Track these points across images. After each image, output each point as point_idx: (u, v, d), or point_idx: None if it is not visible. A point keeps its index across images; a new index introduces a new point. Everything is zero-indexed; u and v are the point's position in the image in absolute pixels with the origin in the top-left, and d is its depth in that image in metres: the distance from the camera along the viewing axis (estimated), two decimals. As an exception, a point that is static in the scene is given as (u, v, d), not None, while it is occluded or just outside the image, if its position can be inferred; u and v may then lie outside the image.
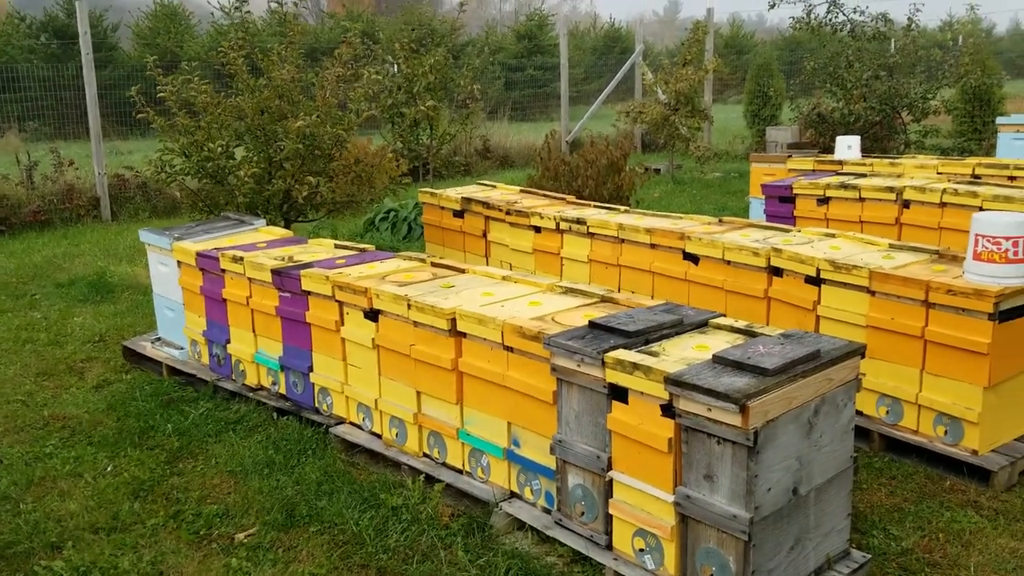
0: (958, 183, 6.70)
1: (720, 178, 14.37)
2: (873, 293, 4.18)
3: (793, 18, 15.05)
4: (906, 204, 6.53)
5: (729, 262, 4.88)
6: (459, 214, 6.95)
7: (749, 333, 3.26)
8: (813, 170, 8.63)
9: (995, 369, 3.81)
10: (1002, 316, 3.80)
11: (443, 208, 7.13)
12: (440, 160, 12.31)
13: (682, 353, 3.09)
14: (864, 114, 12.88)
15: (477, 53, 16.36)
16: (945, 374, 3.95)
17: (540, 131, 20.40)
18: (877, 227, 6.69)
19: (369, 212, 9.78)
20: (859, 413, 4.25)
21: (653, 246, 5.37)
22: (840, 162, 8.49)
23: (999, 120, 10.44)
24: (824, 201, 6.99)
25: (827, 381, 2.94)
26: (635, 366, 2.95)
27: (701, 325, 3.41)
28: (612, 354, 3.05)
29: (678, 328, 3.34)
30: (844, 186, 6.84)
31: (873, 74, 13.44)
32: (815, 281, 4.45)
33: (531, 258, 6.30)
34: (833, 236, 5.00)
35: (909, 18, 14.35)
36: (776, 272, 4.66)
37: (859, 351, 3.09)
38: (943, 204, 6.31)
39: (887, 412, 4.21)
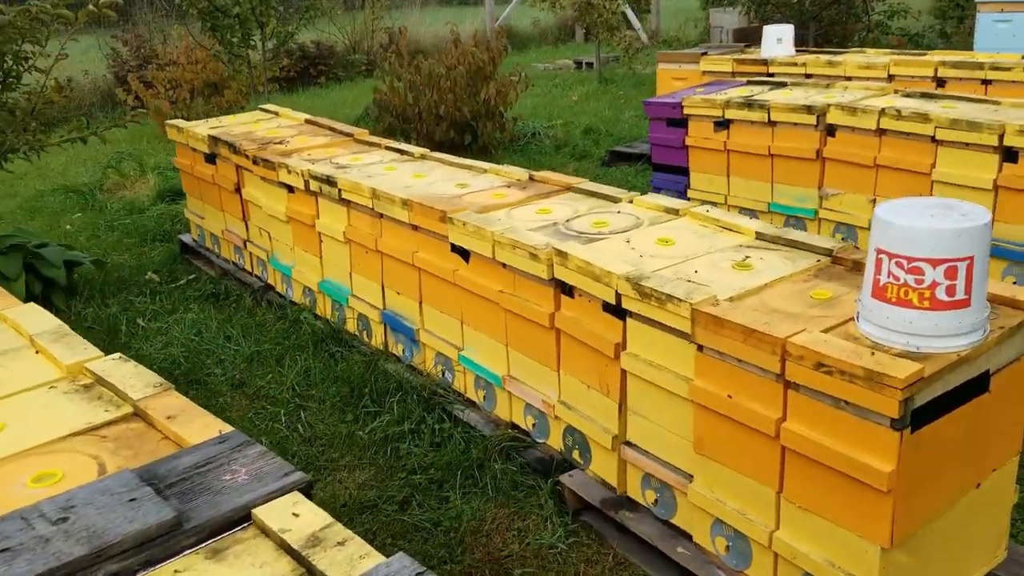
0: (908, 96, 4.72)
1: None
2: (701, 348, 2.31)
3: None
4: (830, 130, 4.57)
5: (505, 265, 2.99)
6: (211, 159, 4.95)
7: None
8: (733, 74, 6.60)
9: (904, 515, 2.00)
10: (918, 419, 1.95)
11: (195, 150, 5.13)
12: (274, 71, 9.95)
13: None
14: None
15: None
16: (818, 511, 2.14)
17: (464, 19, 17.97)
18: (793, 163, 4.75)
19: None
20: (686, 536, 2.49)
21: (415, 227, 3.45)
22: (766, 62, 6.44)
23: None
24: (723, 125, 5.01)
25: None
26: None
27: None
28: None
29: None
30: (749, 104, 4.85)
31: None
32: (617, 311, 2.58)
33: (288, 229, 4.37)
34: (676, 215, 3.09)
35: None
36: (567, 290, 2.78)
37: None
38: (880, 131, 4.35)
39: (727, 549, 2.41)
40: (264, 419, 3.53)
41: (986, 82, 5.36)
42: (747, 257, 2.63)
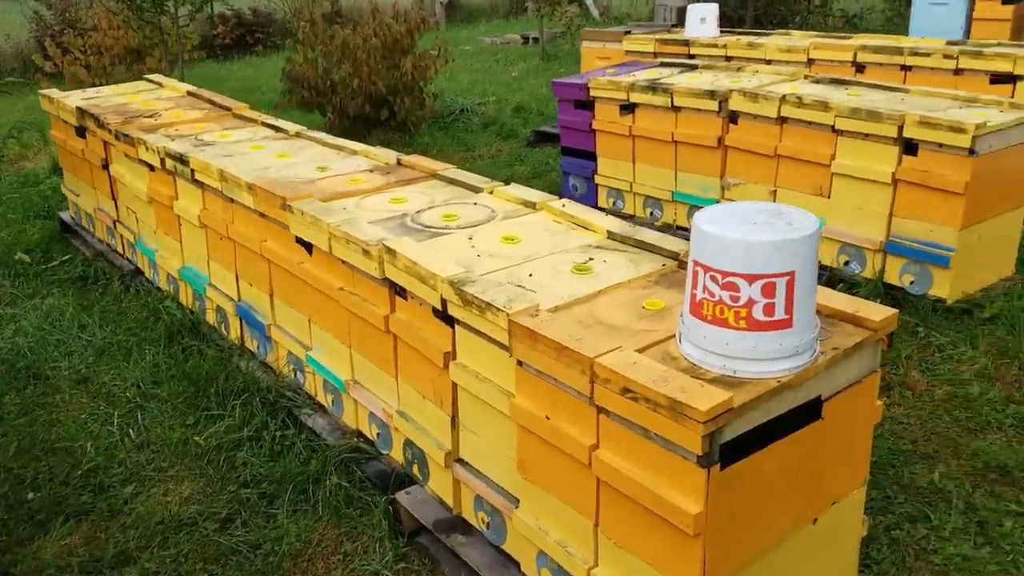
0: (817, 82, 4.51)
1: (598, 51, 11.89)
2: (521, 363, 2.08)
3: None
4: (733, 117, 4.35)
5: (344, 262, 2.72)
6: (81, 132, 4.60)
7: None
8: (655, 54, 6.35)
9: (718, 557, 1.78)
10: (731, 454, 1.73)
11: (66, 123, 4.77)
12: (192, 39, 9.46)
13: None
14: None
15: None
16: (632, 549, 1.92)
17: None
18: (696, 151, 4.53)
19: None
20: (517, 565, 2.28)
21: (262, 215, 3.16)
22: (687, 42, 6.20)
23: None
24: (629, 109, 4.77)
25: None
26: None
27: None
28: None
29: None
30: (653, 87, 4.61)
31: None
32: (445, 317, 2.33)
33: (151, 210, 4.05)
34: (533, 209, 2.84)
35: None
36: (401, 291, 2.52)
37: None
38: (781, 119, 4.14)
39: (551, 581, 2.19)
40: (98, 421, 3.24)
41: (906, 68, 5.17)
42: (590, 259, 2.40)
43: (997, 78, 4.83)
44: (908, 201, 3.72)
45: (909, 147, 3.68)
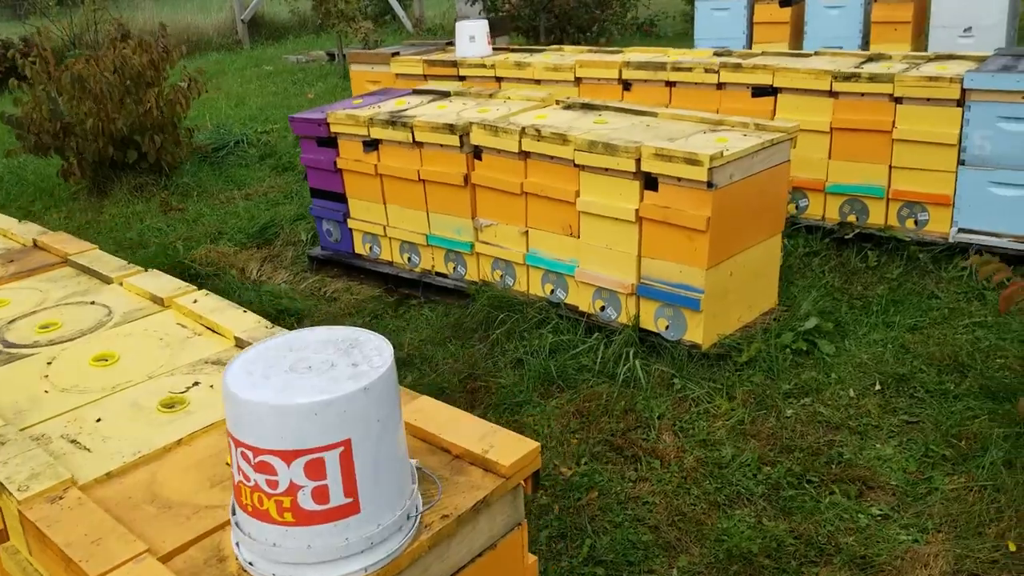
0: (569, 107, 4.15)
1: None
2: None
3: None
4: (477, 153, 3.92)
5: None
6: None
7: None
8: (425, 77, 5.90)
9: None
10: None
11: None
12: None
13: None
14: None
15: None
16: None
17: (209, 8, 16.42)
18: (444, 190, 4.08)
19: None
20: None
21: None
22: (455, 63, 5.77)
23: (695, -15, 8.04)
24: (372, 145, 4.27)
25: None
26: None
27: None
28: None
29: None
30: (393, 122, 4.12)
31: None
32: (-12, 486, 1.73)
33: None
34: (161, 306, 2.26)
35: None
36: (-50, 440, 1.89)
37: None
38: (524, 154, 3.74)
39: None
40: None
41: (670, 84, 4.92)
42: (192, 386, 1.85)
43: (758, 91, 4.64)
44: (654, 240, 3.39)
45: (650, 181, 3.35)
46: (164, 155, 6.24)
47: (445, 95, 4.61)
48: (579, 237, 3.64)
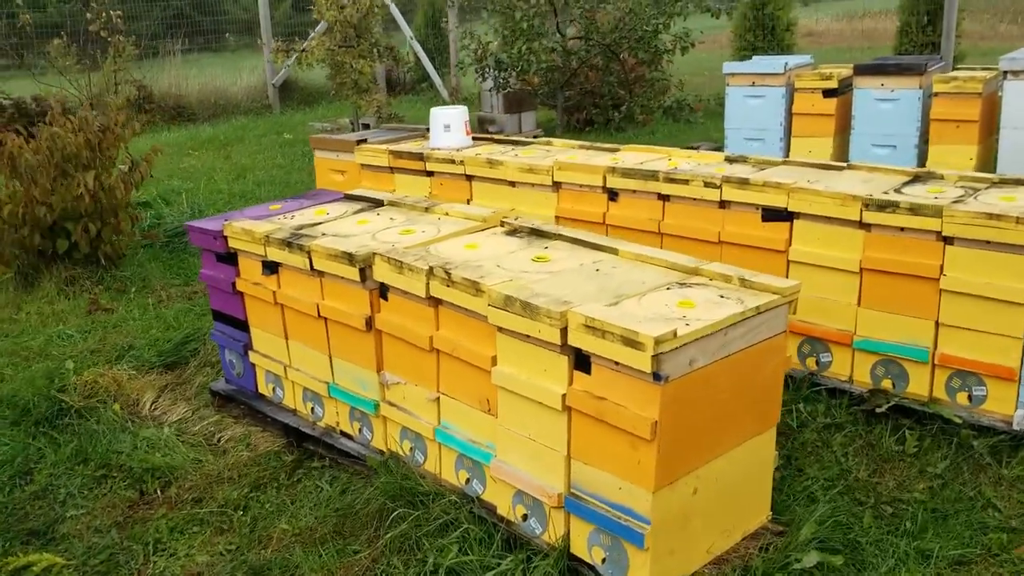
0: (514, 233, 3.25)
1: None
2: None
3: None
4: (383, 291, 3.04)
5: None
6: None
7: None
8: (391, 169, 5.10)
9: None
10: None
11: None
12: None
13: None
14: (536, 58, 8.74)
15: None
16: None
17: (237, 68, 16.08)
18: (347, 333, 3.20)
19: None
20: None
21: None
22: (421, 156, 4.94)
23: (725, 67, 7.12)
24: (272, 268, 3.43)
25: None
26: None
27: None
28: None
29: None
30: (290, 243, 3.27)
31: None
32: None
33: None
34: None
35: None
36: None
37: None
38: (434, 300, 2.84)
39: None
40: None
41: (663, 197, 4.00)
42: None
43: (770, 214, 3.69)
44: (587, 440, 2.43)
45: (581, 359, 2.41)
46: (101, 244, 5.53)
47: (378, 204, 3.76)
48: (496, 417, 2.70)
